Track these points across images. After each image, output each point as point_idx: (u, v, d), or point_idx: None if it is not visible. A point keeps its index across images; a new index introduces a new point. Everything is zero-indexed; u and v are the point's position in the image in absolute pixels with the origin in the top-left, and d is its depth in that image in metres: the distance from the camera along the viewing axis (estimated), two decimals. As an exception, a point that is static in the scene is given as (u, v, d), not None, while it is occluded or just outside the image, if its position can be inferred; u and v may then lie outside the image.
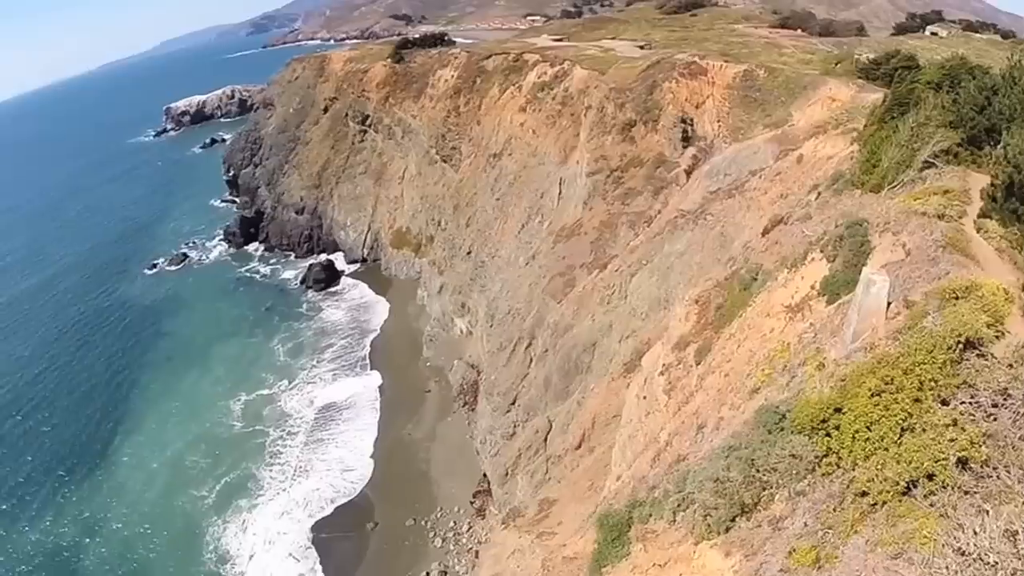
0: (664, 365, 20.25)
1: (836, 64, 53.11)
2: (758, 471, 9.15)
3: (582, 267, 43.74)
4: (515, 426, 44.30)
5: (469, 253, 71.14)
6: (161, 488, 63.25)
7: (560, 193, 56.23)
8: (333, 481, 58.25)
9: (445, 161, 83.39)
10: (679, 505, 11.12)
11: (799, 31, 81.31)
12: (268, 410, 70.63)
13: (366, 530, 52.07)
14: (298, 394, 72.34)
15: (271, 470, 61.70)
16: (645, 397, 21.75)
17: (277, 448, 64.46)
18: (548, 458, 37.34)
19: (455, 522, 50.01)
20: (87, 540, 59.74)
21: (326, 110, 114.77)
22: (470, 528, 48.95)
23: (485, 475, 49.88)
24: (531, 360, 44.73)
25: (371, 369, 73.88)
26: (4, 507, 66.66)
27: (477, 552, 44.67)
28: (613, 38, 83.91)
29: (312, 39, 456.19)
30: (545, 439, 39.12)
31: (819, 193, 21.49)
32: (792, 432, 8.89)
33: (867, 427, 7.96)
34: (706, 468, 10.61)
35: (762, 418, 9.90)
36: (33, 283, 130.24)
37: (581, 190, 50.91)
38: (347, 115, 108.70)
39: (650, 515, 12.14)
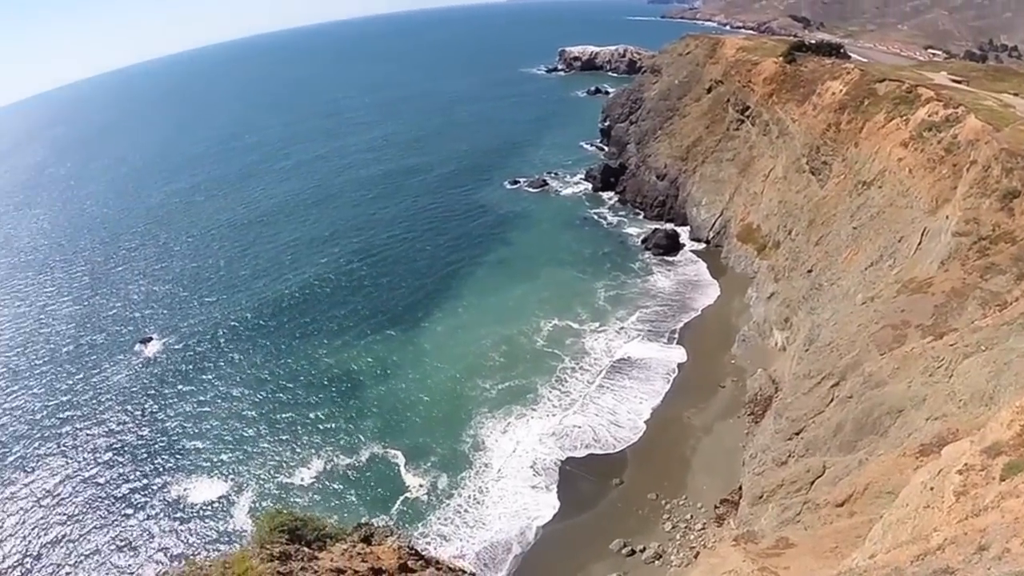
0: (966, 464, 17.94)
1: None
2: (1028, 626, 8.49)
3: (917, 328, 38.70)
4: (790, 456, 42.06)
5: (810, 271, 66.95)
6: (454, 369, 72.13)
7: (919, 244, 49.85)
8: (598, 428, 61.35)
9: (813, 173, 78.19)
10: (928, 619, 10.62)
11: None
12: (571, 341, 75.99)
13: (610, 483, 54.52)
14: (602, 338, 76.33)
15: (551, 392, 67.02)
16: (932, 488, 19.59)
17: (565, 376, 69.60)
18: (806, 502, 35.15)
19: (692, 516, 49.89)
20: (372, 383, 70.99)
21: (709, 91, 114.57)
22: (703, 528, 48.44)
23: (740, 488, 48.55)
24: (832, 400, 41.49)
25: (677, 344, 74.65)
26: (323, 329, 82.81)
27: (698, 553, 44.28)
28: (1015, 94, 69.24)
29: (709, 20, 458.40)
30: (812, 482, 36.67)
31: None
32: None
33: None
34: (973, 596, 10.01)
35: (1054, 574, 8.99)
36: (410, 163, 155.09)
37: (942, 247, 44.33)
38: (728, 101, 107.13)
39: (893, 612, 11.72)
